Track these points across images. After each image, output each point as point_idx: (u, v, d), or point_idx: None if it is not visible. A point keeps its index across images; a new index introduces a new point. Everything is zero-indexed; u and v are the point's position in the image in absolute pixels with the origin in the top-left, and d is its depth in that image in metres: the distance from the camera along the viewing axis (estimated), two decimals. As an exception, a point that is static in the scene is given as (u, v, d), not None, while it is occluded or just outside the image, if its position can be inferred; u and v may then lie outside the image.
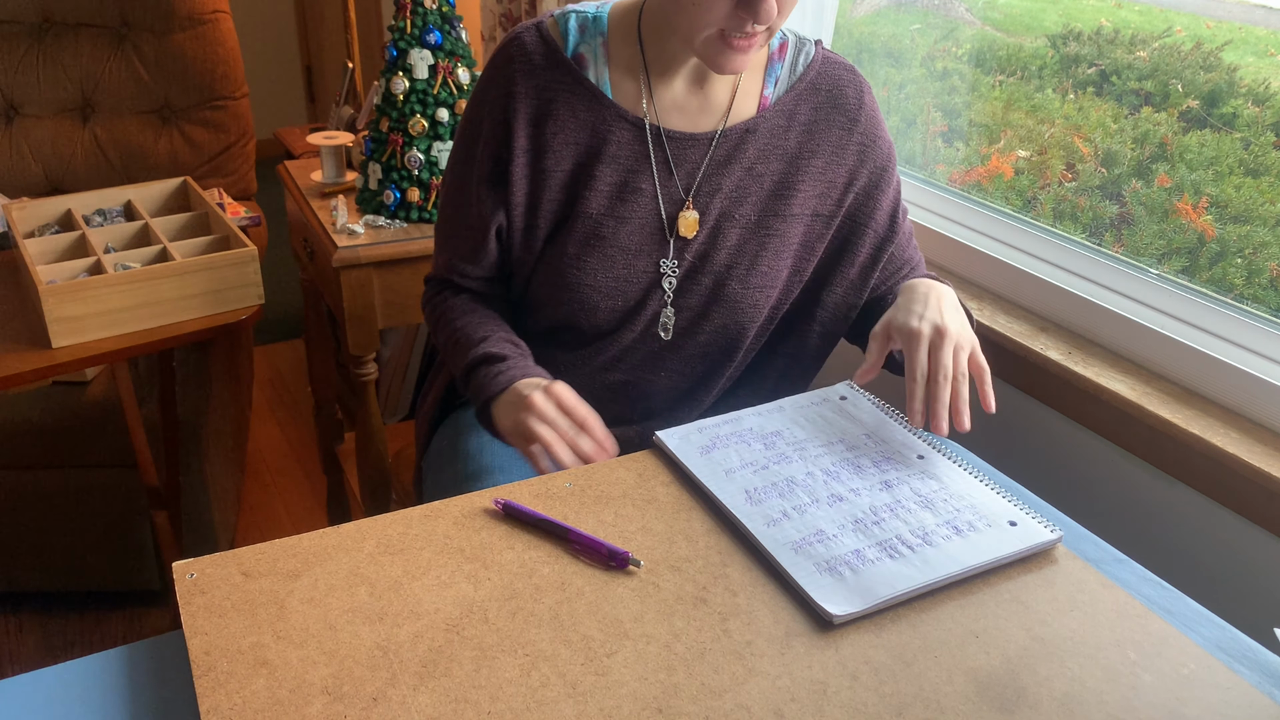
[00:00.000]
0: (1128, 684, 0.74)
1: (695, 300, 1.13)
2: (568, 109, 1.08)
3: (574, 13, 1.11)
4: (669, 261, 1.11)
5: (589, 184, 1.08)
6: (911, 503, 0.91)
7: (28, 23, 2.06)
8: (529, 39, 1.09)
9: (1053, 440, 1.32)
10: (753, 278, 1.12)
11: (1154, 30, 1.40)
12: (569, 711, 0.69)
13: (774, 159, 1.11)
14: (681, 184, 1.10)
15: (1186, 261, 1.30)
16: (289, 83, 4.28)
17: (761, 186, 1.11)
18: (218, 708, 0.68)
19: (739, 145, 1.10)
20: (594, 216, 1.09)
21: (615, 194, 1.09)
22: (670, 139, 1.09)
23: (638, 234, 1.10)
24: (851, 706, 0.71)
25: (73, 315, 1.37)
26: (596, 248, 1.09)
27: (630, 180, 1.09)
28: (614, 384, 1.17)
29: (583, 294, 1.10)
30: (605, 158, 1.08)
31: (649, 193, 1.09)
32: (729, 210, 1.11)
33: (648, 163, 1.09)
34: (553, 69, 1.08)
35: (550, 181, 1.09)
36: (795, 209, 1.12)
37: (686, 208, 1.10)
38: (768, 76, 1.12)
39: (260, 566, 0.81)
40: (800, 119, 1.12)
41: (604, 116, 1.08)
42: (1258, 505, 1.08)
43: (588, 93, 1.08)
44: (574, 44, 1.09)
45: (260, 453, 2.52)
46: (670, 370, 1.17)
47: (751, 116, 1.11)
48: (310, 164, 1.95)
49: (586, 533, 0.85)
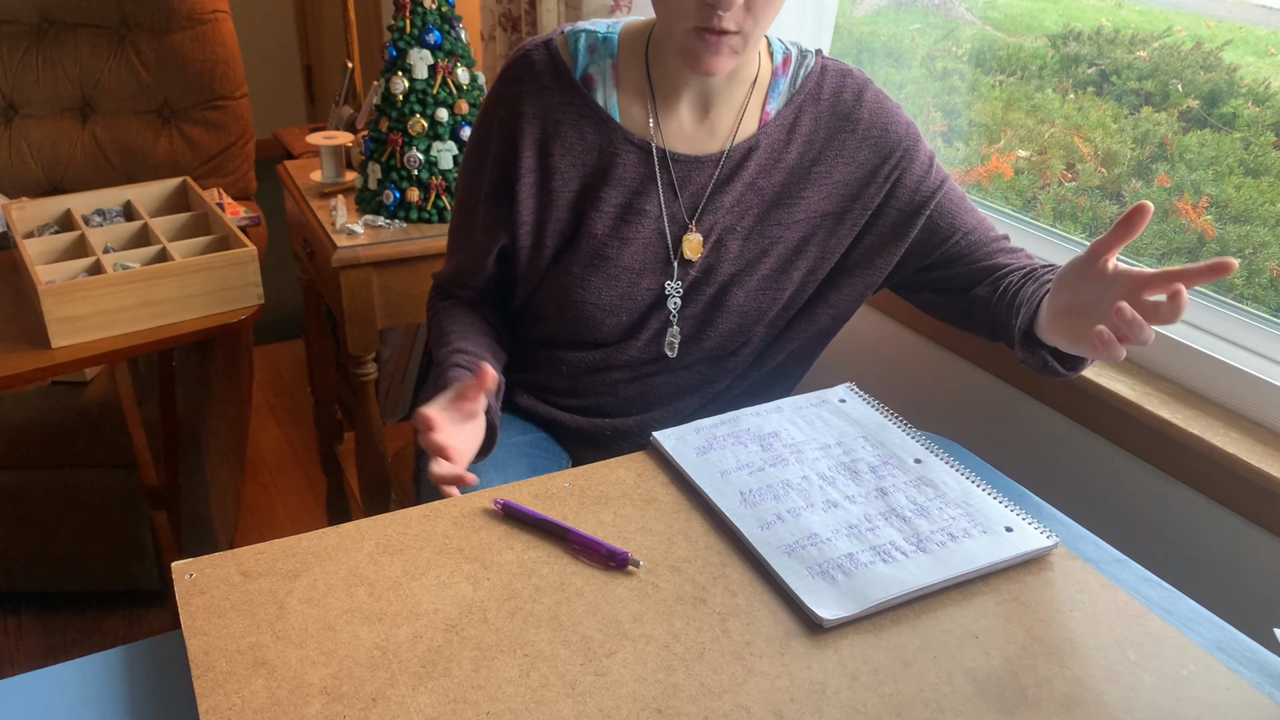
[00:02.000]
0: (1128, 684, 0.74)
1: (698, 309, 1.13)
2: (575, 131, 1.08)
3: (585, 32, 1.10)
4: (674, 284, 1.12)
5: (594, 205, 1.09)
6: (907, 509, 0.91)
7: (28, 23, 2.06)
8: (538, 58, 1.09)
9: (1053, 440, 1.32)
10: (754, 283, 1.12)
11: (1154, 30, 1.40)
12: (568, 711, 0.69)
13: (776, 172, 1.11)
14: (686, 206, 1.11)
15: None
16: (289, 83, 4.28)
17: (763, 198, 1.11)
18: (217, 708, 0.68)
19: (741, 163, 1.10)
20: (599, 237, 1.09)
21: (620, 215, 1.10)
22: (676, 162, 1.10)
23: (641, 254, 1.10)
24: (851, 707, 0.71)
25: (72, 315, 1.37)
26: (600, 268, 1.10)
27: (635, 202, 1.09)
28: (615, 383, 1.18)
29: (586, 310, 1.11)
30: (611, 180, 1.09)
31: (653, 214, 1.10)
32: (731, 225, 1.11)
33: (653, 185, 1.10)
34: (561, 90, 1.08)
35: (557, 202, 1.10)
36: (799, 215, 1.12)
37: (691, 230, 1.10)
38: (771, 93, 1.11)
39: (259, 567, 0.81)
40: (801, 130, 1.11)
41: (611, 139, 1.09)
42: (1258, 505, 1.08)
43: (595, 115, 1.08)
44: (583, 65, 1.09)
45: (260, 453, 2.52)
46: (675, 372, 1.17)
47: (753, 134, 1.11)
48: (310, 164, 1.95)
49: (586, 533, 0.85)
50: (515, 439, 1.17)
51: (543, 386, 1.21)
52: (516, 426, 1.20)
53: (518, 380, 1.22)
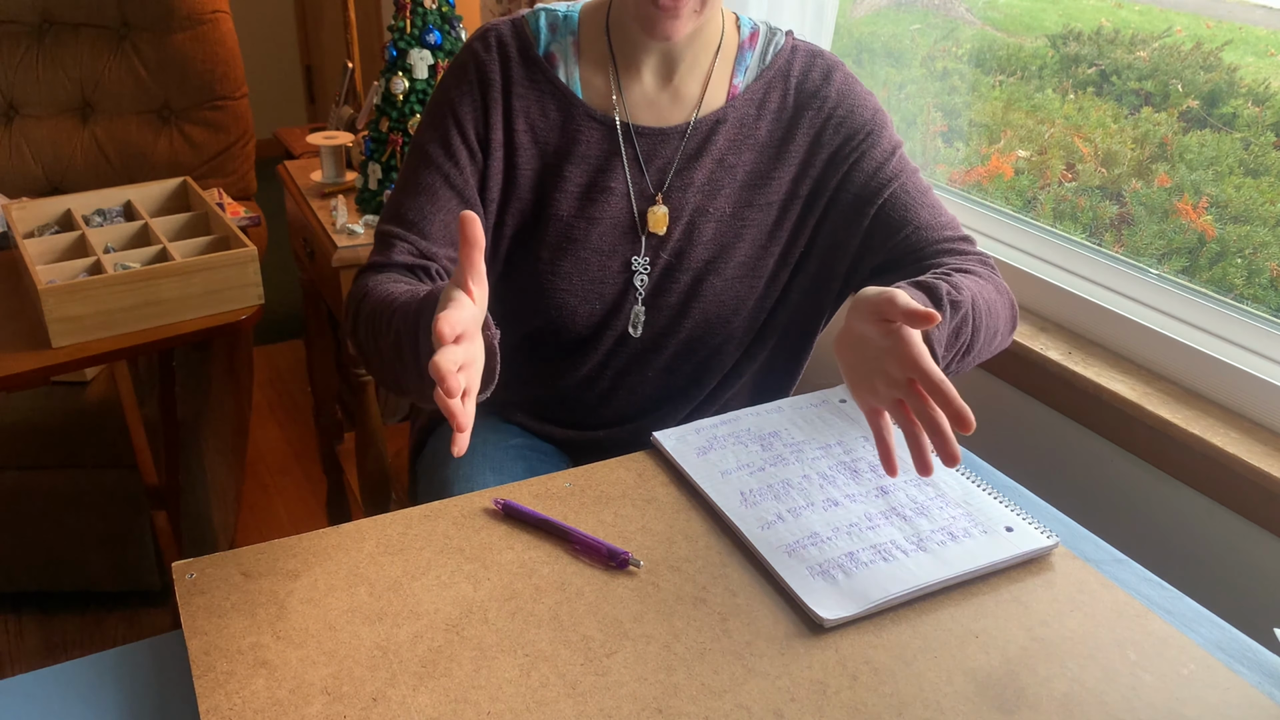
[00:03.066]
0: (1128, 684, 0.74)
1: (674, 299, 1.11)
2: (538, 108, 1.07)
3: (544, 11, 1.09)
4: (640, 259, 1.09)
5: (558, 185, 1.07)
6: (907, 508, 0.91)
7: (28, 23, 2.06)
8: (505, 31, 1.08)
9: (1053, 440, 1.32)
10: (731, 270, 1.10)
11: (1154, 30, 1.40)
12: (568, 711, 0.69)
13: (745, 149, 1.10)
14: (652, 180, 1.09)
15: (1186, 261, 1.30)
16: (289, 83, 4.28)
17: (734, 178, 1.10)
18: (217, 708, 0.68)
19: (709, 137, 1.09)
20: (564, 219, 1.07)
21: (584, 194, 1.08)
22: (640, 135, 1.08)
23: (610, 234, 1.08)
24: (851, 706, 0.71)
25: (72, 315, 1.37)
26: (569, 251, 1.08)
27: (599, 180, 1.08)
28: (602, 391, 1.16)
29: (559, 299, 1.08)
30: (574, 158, 1.07)
31: (620, 191, 1.08)
32: (703, 205, 1.09)
33: (618, 161, 1.08)
34: (525, 66, 1.07)
35: (520, 180, 1.07)
36: (771, 196, 1.10)
37: (656, 202, 1.08)
38: (738, 66, 1.10)
39: (260, 566, 0.81)
40: (770, 107, 1.10)
41: (573, 116, 1.07)
42: (1258, 505, 1.08)
43: (558, 92, 1.07)
44: (545, 43, 1.08)
45: (260, 453, 2.52)
46: (657, 370, 1.15)
47: (721, 106, 1.09)
48: (310, 164, 1.95)
49: (586, 533, 0.85)
50: (514, 441, 1.16)
51: (534, 401, 1.18)
52: (513, 430, 1.19)
53: (505, 399, 1.17)
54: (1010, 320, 1.05)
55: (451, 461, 1.13)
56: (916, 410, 0.75)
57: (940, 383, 0.73)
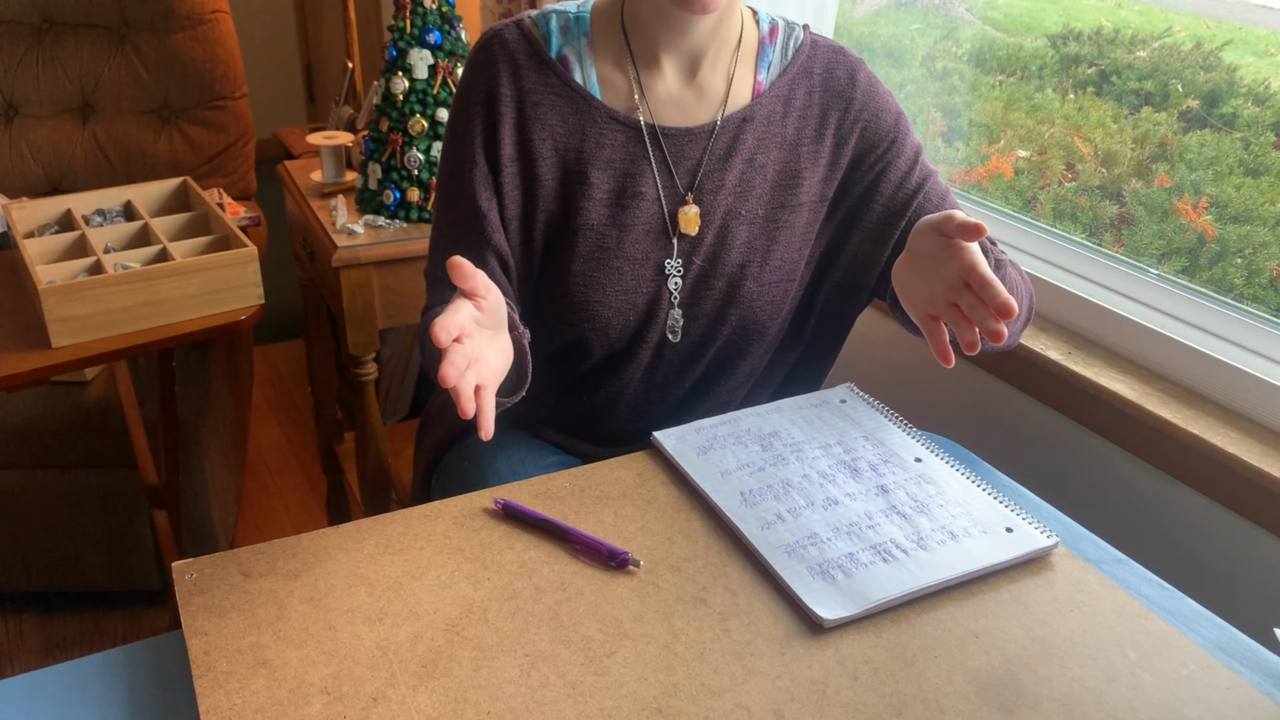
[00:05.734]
0: (1128, 684, 0.74)
1: (710, 305, 1.08)
2: (555, 113, 1.03)
3: (555, 13, 1.06)
4: (673, 262, 1.06)
5: (585, 193, 1.03)
6: (907, 506, 0.91)
7: (28, 23, 2.06)
8: (510, 36, 1.04)
9: (1053, 440, 1.32)
10: (767, 274, 1.08)
11: (1154, 30, 1.40)
12: (569, 711, 0.69)
13: (773, 147, 1.08)
14: (682, 182, 1.06)
15: (1186, 261, 1.30)
16: (289, 83, 4.28)
17: (765, 178, 1.08)
18: (217, 708, 0.68)
19: (737, 135, 1.06)
20: (595, 228, 1.04)
21: (614, 200, 1.04)
22: (667, 136, 1.05)
23: (643, 240, 1.05)
24: (851, 706, 0.71)
25: (72, 315, 1.37)
26: (602, 261, 1.04)
27: (628, 185, 1.04)
28: (638, 401, 1.12)
29: (593, 311, 1.04)
30: (599, 163, 1.04)
31: (650, 195, 1.05)
32: (735, 207, 1.07)
33: (646, 164, 1.05)
34: (537, 69, 1.03)
35: (542, 191, 1.04)
36: (802, 197, 1.08)
37: (687, 202, 1.05)
38: (760, 62, 1.08)
39: (260, 566, 0.81)
40: (797, 104, 1.08)
41: (594, 119, 1.04)
42: (1258, 505, 1.08)
43: (575, 95, 1.04)
44: (558, 46, 1.04)
45: (260, 453, 2.52)
46: (692, 379, 1.12)
47: (747, 104, 1.07)
48: (310, 164, 1.95)
49: (586, 533, 0.85)
50: (549, 459, 1.11)
51: (565, 417, 1.14)
52: (547, 448, 1.14)
53: (539, 416, 1.14)
54: (1028, 308, 1.10)
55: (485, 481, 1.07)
56: (968, 305, 0.83)
57: (990, 280, 0.81)
